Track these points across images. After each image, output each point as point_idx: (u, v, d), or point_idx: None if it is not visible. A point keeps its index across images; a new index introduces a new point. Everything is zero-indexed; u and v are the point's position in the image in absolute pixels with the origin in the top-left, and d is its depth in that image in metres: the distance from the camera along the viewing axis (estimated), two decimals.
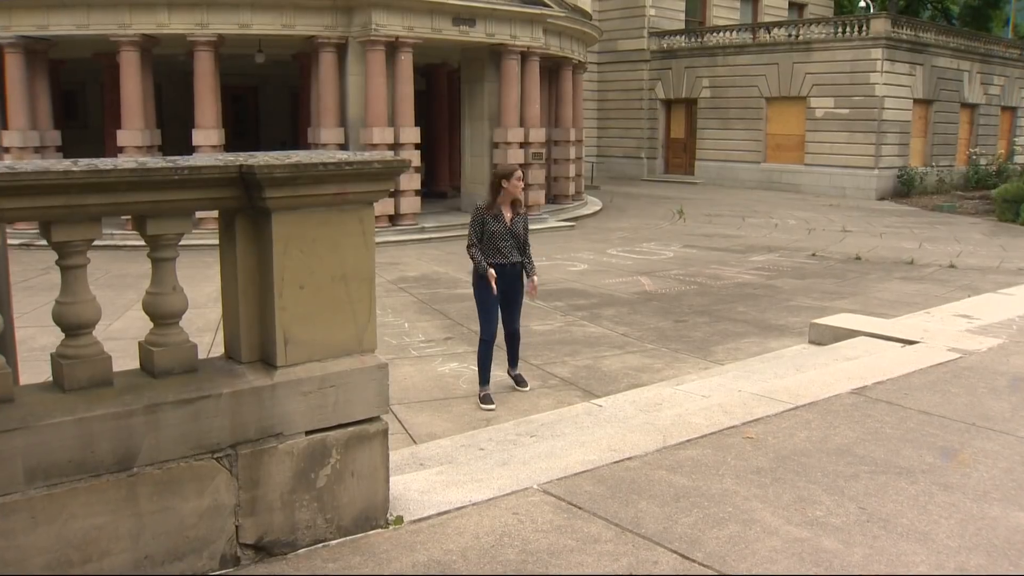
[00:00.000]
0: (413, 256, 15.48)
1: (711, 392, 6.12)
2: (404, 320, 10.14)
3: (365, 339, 3.61)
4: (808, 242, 17.60)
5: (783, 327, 9.84)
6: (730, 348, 8.89)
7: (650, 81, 34.75)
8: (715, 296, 11.79)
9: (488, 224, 7.01)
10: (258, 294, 3.42)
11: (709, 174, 32.56)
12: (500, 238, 7.00)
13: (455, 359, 8.43)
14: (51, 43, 17.66)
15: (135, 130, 16.90)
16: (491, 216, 7.01)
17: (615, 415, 5.78)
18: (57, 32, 16.89)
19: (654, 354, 8.65)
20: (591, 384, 7.56)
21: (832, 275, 13.58)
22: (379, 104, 17.56)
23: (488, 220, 7.01)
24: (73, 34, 16.89)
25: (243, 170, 3.22)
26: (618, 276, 13.42)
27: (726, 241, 17.74)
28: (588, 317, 10.36)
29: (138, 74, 16.92)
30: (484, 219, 7.02)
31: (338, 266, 3.49)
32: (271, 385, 3.36)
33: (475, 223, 7.08)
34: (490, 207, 7.03)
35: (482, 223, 7.03)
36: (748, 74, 31.07)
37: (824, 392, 5.63)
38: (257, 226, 3.37)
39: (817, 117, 29.27)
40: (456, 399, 7.16)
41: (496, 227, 7.00)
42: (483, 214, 7.04)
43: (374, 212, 3.60)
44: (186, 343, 3.32)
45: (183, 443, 3.18)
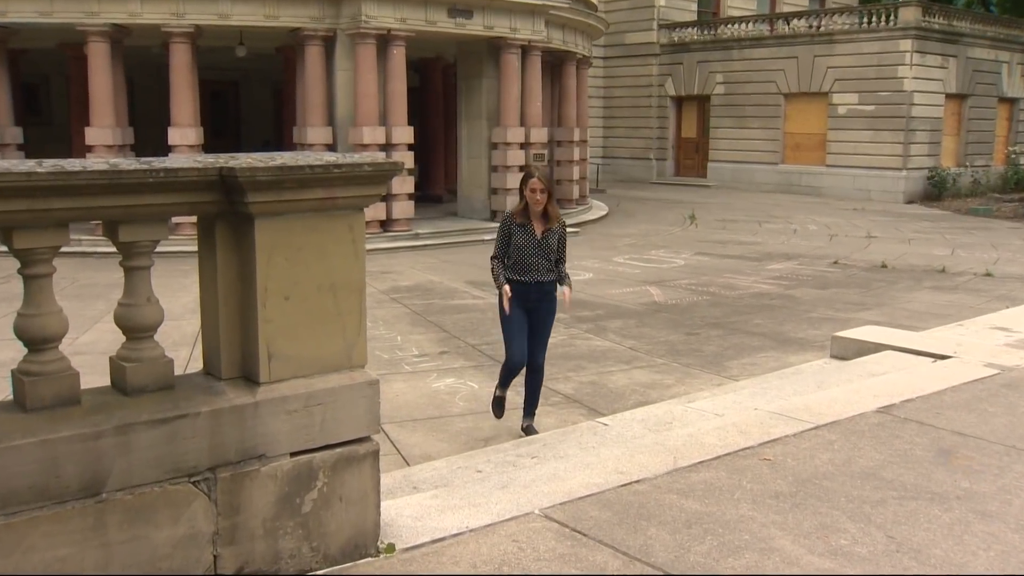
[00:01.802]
0: (406, 264, 15.48)
1: (725, 410, 6.11)
2: (396, 333, 10.14)
3: (355, 354, 3.61)
4: (830, 249, 17.61)
5: (803, 340, 9.84)
6: (746, 363, 8.88)
7: (660, 77, 34.83)
8: (729, 307, 11.79)
9: (515, 235, 6.44)
10: (239, 305, 3.42)
11: (723, 177, 32.60)
12: (526, 252, 6.42)
13: (451, 374, 8.42)
14: (11, 31, 17.41)
15: (105, 128, 16.81)
16: (518, 225, 6.44)
17: (622, 435, 5.77)
18: (17, 19, 16.62)
19: (664, 369, 8.65)
20: (596, 401, 7.55)
21: (856, 284, 13.58)
22: (369, 102, 17.60)
23: (515, 230, 6.44)
24: (36, 22, 16.59)
25: (224, 173, 3.22)
26: (625, 286, 13.42)
27: (741, 248, 17.75)
28: (593, 330, 10.36)
29: (108, 67, 16.79)
30: (511, 228, 6.46)
31: (326, 275, 3.49)
32: (253, 403, 3.36)
33: (501, 231, 6.52)
34: (518, 214, 6.48)
35: (508, 233, 6.47)
36: (765, 69, 31.11)
37: (848, 410, 5.62)
38: (239, 232, 3.37)
39: (840, 115, 29.27)
40: (452, 417, 7.15)
41: (523, 239, 6.43)
42: (511, 222, 6.48)
43: (364, 218, 3.60)
44: (161, 358, 3.32)
45: (157, 466, 3.17)
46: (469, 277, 14.06)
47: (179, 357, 8.46)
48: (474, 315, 11.10)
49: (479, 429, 6.87)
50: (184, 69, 16.96)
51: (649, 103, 35.25)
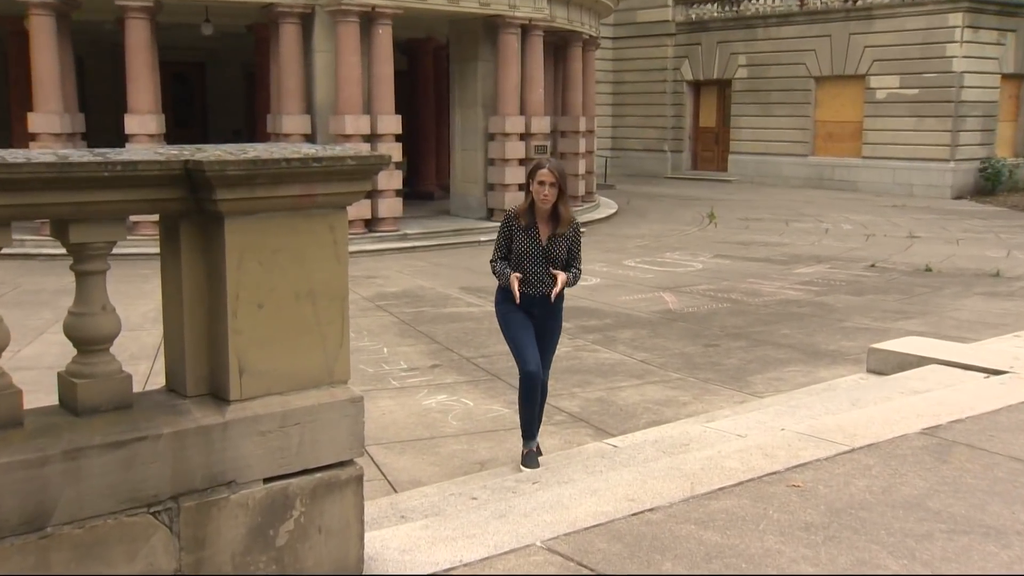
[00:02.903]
0: (394, 268, 15.49)
1: (748, 431, 6.11)
2: (383, 344, 10.14)
3: (336, 368, 3.61)
4: (866, 251, 17.63)
5: (836, 353, 9.84)
6: (771, 378, 8.88)
7: (675, 59, 34.91)
8: (753, 316, 11.79)
9: (517, 239, 6.18)
10: (207, 314, 3.42)
11: (745, 170, 32.64)
12: (529, 260, 6.17)
13: (443, 390, 8.42)
14: None
15: (51, 114, 16.66)
16: (522, 228, 6.17)
17: (633, 457, 5.76)
18: None
19: (680, 385, 8.65)
20: (605, 420, 7.55)
21: (896, 290, 13.59)
22: (352, 87, 17.62)
23: (517, 233, 6.18)
24: None
25: (189, 166, 3.22)
26: (636, 292, 13.42)
27: (766, 250, 17.77)
28: (601, 340, 10.36)
29: (53, 45, 16.57)
30: (512, 230, 6.21)
31: (304, 281, 3.49)
32: (222, 423, 3.35)
33: (501, 233, 6.28)
34: (522, 213, 6.19)
35: (509, 235, 6.22)
36: (794, 49, 31.11)
37: (888, 432, 5.61)
38: (206, 233, 3.37)
39: (878, 100, 29.22)
40: (444, 438, 7.15)
41: (525, 245, 6.17)
42: (512, 223, 6.22)
43: (347, 217, 3.60)
44: (117, 373, 3.31)
45: (112, 496, 3.15)
46: (463, 282, 14.06)
47: (138, 372, 8.45)
48: (469, 324, 11.10)
49: (474, 451, 6.87)
50: (142, 48, 16.85)
51: (663, 89, 35.31)
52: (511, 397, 7.80)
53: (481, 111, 20.31)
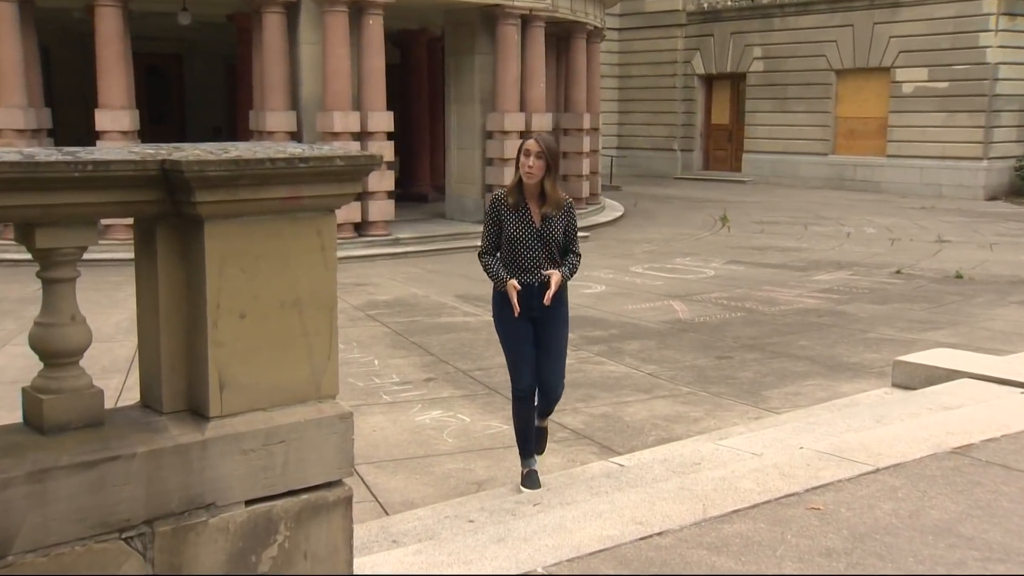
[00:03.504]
0: (385, 275, 15.49)
1: (764, 449, 6.10)
2: (374, 356, 10.13)
3: (324, 382, 3.60)
4: (891, 256, 17.63)
5: (858, 366, 9.84)
6: (788, 392, 8.88)
7: (686, 52, 34.97)
8: (769, 326, 11.79)
9: (507, 222, 5.99)
10: (185, 325, 3.41)
11: (761, 170, 32.68)
12: (523, 245, 5.99)
13: (438, 406, 8.42)
14: None
15: (14, 108, 16.65)
16: (510, 208, 6.00)
17: (641, 477, 5.76)
18: None
19: (690, 400, 8.64)
20: (610, 438, 7.55)
21: (924, 298, 13.58)
22: (341, 82, 17.63)
23: (507, 217, 5.99)
24: None
25: (166, 167, 3.22)
26: (644, 300, 13.43)
27: (783, 256, 17.77)
28: (607, 352, 10.36)
29: (15, 33, 16.53)
30: (501, 215, 6.01)
31: (290, 289, 3.49)
32: (201, 442, 3.35)
33: (489, 218, 6.08)
34: (510, 192, 6.02)
35: (498, 219, 6.03)
36: (814, 40, 31.12)
37: (915, 451, 5.61)
38: (185, 238, 3.37)
39: (905, 94, 29.18)
40: (439, 456, 7.14)
41: (516, 228, 5.99)
42: (500, 207, 6.02)
43: (336, 221, 3.60)
44: (87, 388, 3.31)
45: (81, 520, 3.14)
46: (459, 290, 14.06)
47: (109, 387, 8.45)
48: (465, 335, 11.10)
49: (471, 471, 6.86)
50: (114, 39, 16.82)
51: (673, 83, 35.37)
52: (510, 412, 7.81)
53: (478, 107, 20.33)
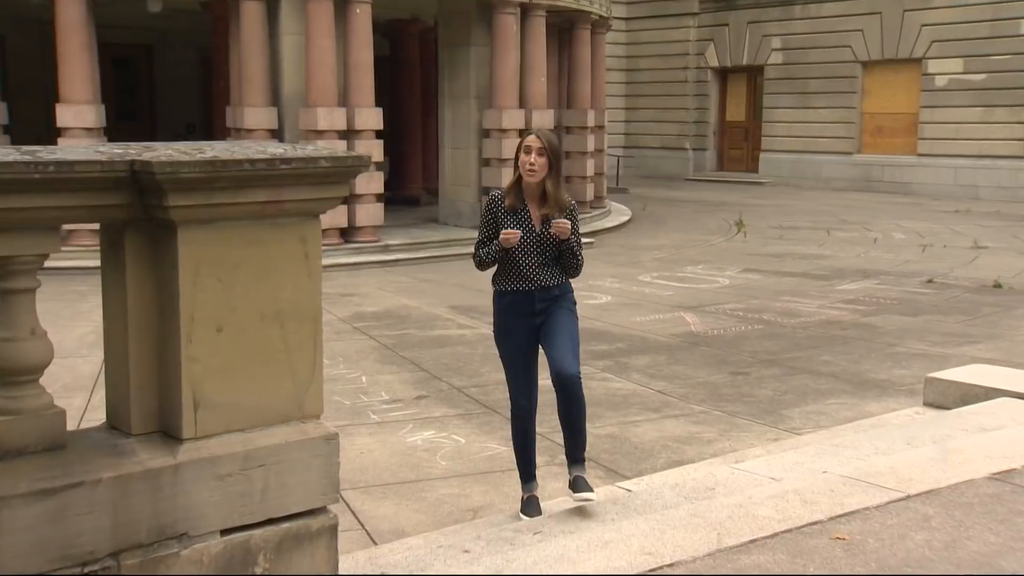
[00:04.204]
0: (373, 285, 15.48)
1: (784, 473, 6.09)
2: (361, 372, 10.13)
3: (307, 401, 3.61)
4: (922, 263, 17.63)
5: (886, 383, 9.83)
6: (810, 412, 8.87)
7: (699, 43, 35.03)
8: (788, 339, 11.79)
9: (505, 223, 5.98)
10: (157, 339, 3.41)
11: (780, 171, 32.71)
12: (520, 251, 5.96)
13: (430, 425, 8.41)
14: None
15: None
16: (508, 210, 5.99)
17: (650, 504, 5.75)
18: None
19: (703, 419, 8.63)
20: (617, 461, 7.54)
21: (958, 310, 13.58)
22: (325, 75, 17.63)
23: (504, 219, 5.99)
24: None
25: (136, 168, 3.22)
26: (653, 312, 13.42)
27: (804, 263, 17.77)
28: (613, 368, 10.35)
29: None
30: (498, 216, 6.01)
31: (270, 300, 3.49)
32: (173, 466, 3.34)
33: (485, 221, 6.08)
34: (509, 192, 6.01)
35: (494, 221, 6.03)
36: (837, 29, 31.15)
37: (950, 476, 5.60)
38: (156, 245, 3.37)
39: (938, 87, 29.18)
40: (432, 481, 7.13)
41: (513, 229, 5.97)
42: (497, 208, 6.02)
43: (320, 226, 3.60)
44: (48, 408, 3.30)
45: (39, 553, 3.13)
46: (454, 301, 14.06)
47: (72, 406, 8.43)
48: (460, 349, 11.09)
49: (466, 496, 6.85)
50: (77, 28, 16.74)
51: (685, 77, 35.42)
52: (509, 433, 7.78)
53: (474, 104, 20.34)
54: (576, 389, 5.96)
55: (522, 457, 6.29)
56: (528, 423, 6.24)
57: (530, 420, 6.24)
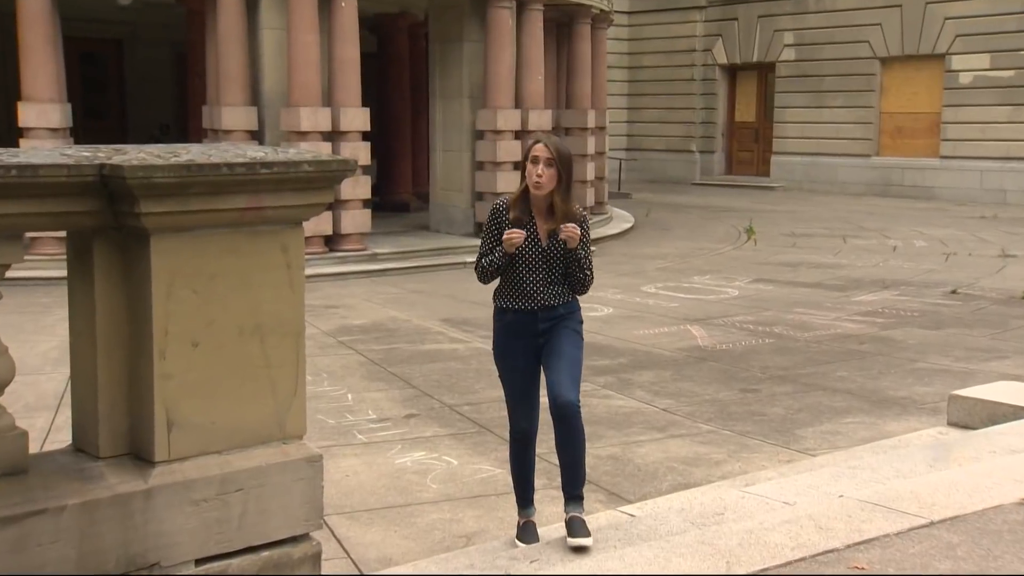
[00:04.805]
0: (360, 296, 15.48)
1: (797, 497, 6.09)
2: (347, 390, 10.12)
3: (289, 420, 3.60)
4: (946, 273, 17.64)
5: (907, 401, 9.83)
6: (825, 431, 8.87)
7: (706, 38, 35.09)
8: (802, 354, 11.79)
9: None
10: (127, 355, 3.41)
11: (792, 174, 32.73)
12: (524, 267, 5.92)
13: (420, 446, 8.40)
14: None
15: None
16: (513, 221, 5.91)
17: (654, 530, 5.74)
18: None
19: (711, 439, 8.63)
20: (619, 483, 7.53)
21: (984, 323, 13.58)
22: (309, 73, 17.63)
23: (507, 228, 5.90)
24: None
25: (106, 172, 3.22)
26: (658, 324, 13.42)
27: (818, 273, 17.79)
28: (615, 384, 10.34)
29: None
30: (502, 227, 5.92)
31: (250, 314, 3.48)
32: (145, 491, 3.33)
33: (488, 232, 6.02)
34: (514, 203, 5.93)
35: (498, 232, 5.94)
36: (854, 23, 31.15)
37: (976, 501, 5.59)
38: (127, 255, 3.37)
39: (962, 85, 29.17)
40: (422, 505, 7.12)
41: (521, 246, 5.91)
42: (502, 216, 5.94)
43: (303, 234, 3.60)
44: (9, 430, 3.29)
45: None
46: (445, 313, 14.05)
47: (35, 427, 8.42)
48: (452, 365, 11.09)
49: (458, 522, 6.84)
50: (40, 19, 16.61)
51: (691, 75, 35.47)
52: (503, 454, 7.75)
53: (467, 103, 20.34)
54: (573, 419, 5.87)
55: (520, 482, 6.26)
56: (527, 447, 6.19)
57: (529, 444, 6.19)
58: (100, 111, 27.19)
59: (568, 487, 6.00)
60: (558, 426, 5.89)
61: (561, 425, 5.88)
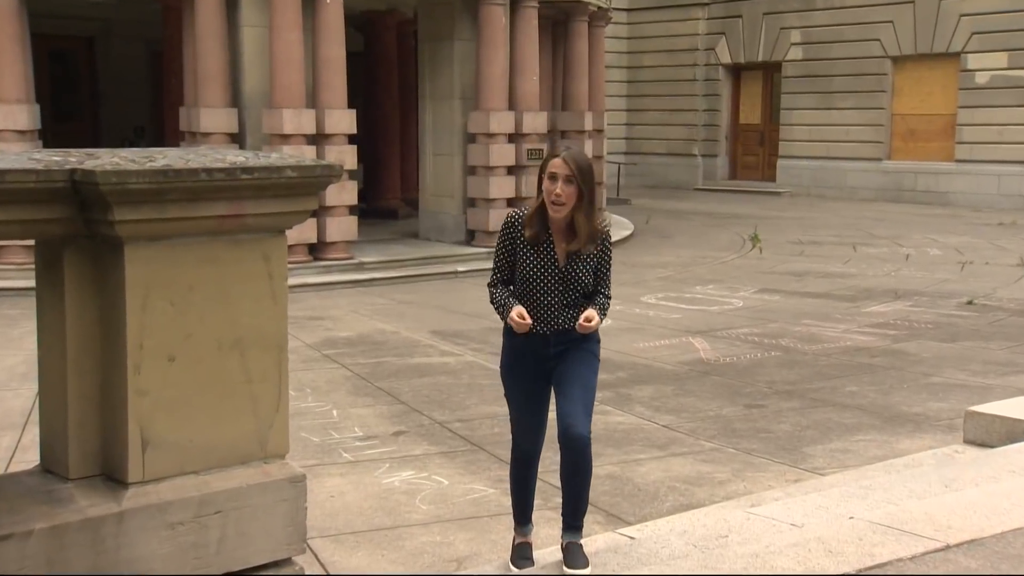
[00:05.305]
0: (346, 307, 15.47)
1: (806, 519, 6.08)
2: (332, 406, 10.10)
3: (271, 438, 3.59)
4: (961, 283, 17.66)
5: (921, 418, 9.83)
6: (835, 449, 8.87)
7: (709, 37, 35.16)
8: (810, 368, 11.79)
9: (523, 256, 5.78)
10: (100, 370, 3.40)
11: (800, 179, 32.79)
12: (539, 288, 5.77)
13: (409, 465, 8.39)
14: None
15: None
16: (528, 243, 5.78)
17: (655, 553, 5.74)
18: None
19: (715, 457, 8.63)
20: (618, 504, 7.53)
21: (1002, 335, 13.59)
22: (292, 73, 17.64)
23: (523, 250, 5.79)
24: None
25: (77, 178, 3.21)
26: (658, 336, 13.42)
27: (827, 283, 17.81)
28: (613, 400, 10.34)
29: None
30: (517, 242, 5.79)
31: (229, 326, 3.48)
32: (117, 514, 3.32)
33: (503, 246, 5.87)
34: (530, 221, 5.77)
35: (512, 249, 5.83)
36: (865, 21, 31.22)
37: (995, 524, 5.59)
38: (100, 264, 3.36)
39: (979, 85, 29.20)
40: (411, 527, 7.11)
41: (534, 265, 5.78)
42: (516, 233, 5.81)
43: (286, 243, 3.60)
44: None
45: None
46: (436, 325, 14.05)
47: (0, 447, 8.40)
48: (443, 379, 11.08)
49: (449, 545, 6.83)
50: (7, 16, 16.63)
51: (693, 75, 35.53)
52: (497, 472, 7.76)
53: (458, 105, 20.36)
54: (583, 452, 5.77)
55: (519, 501, 6.20)
56: (529, 468, 6.13)
57: (532, 465, 6.13)
58: (71, 113, 27.08)
59: (569, 517, 5.96)
60: (566, 456, 5.81)
61: (569, 456, 5.80)
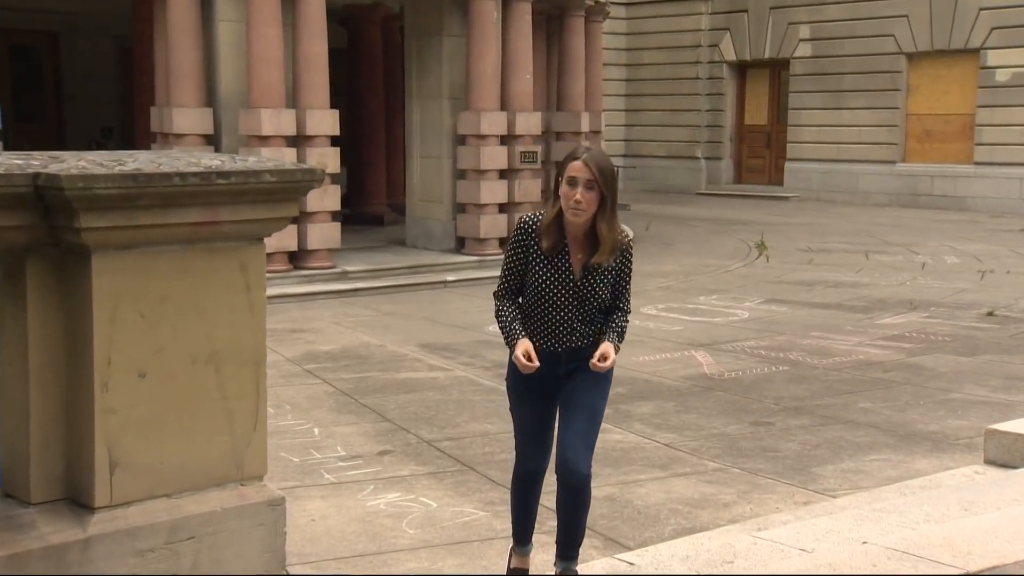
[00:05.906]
0: (328, 319, 15.46)
1: (816, 544, 6.08)
2: (313, 423, 10.10)
3: (248, 459, 3.59)
4: (981, 293, 17.68)
5: (938, 436, 9.84)
6: (846, 470, 8.87)
7: (712, 33, 35.22)
8: (820, 383, 11.80)
9: (536, 267, 5.67)
10: (65, 387, 3.39)
11: (808, 183, 32.84)
12: (551, 302, 5.68)
13: (395, 486, 8.39)
14: None
15: None
16: (543, 252, 5.65)
17: None
18: None
19: (719, 478, 8.63)
20: (617, 528, 7.52)
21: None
22: (270, 71, 17.63)
23: (536, 258, 5.67)
24: None
25: (41, 183, 3.21)
26: (659, 350, 13.43)
27: (838, 293, 17.83)
28: (612, 417, 10.33)
29: None
30: (529, 252, 5.68)
31: (204, 340, 3.47)
32: (82, 540, 3.31)
33: (513, 252, 5.74)
34: (546, 229, 5.63)
35: (524, 258, 5.71)
36: (877, 15, 31.26)
37: (1018, 549, 5.58)
38: (65, 274, 3.35)
39: (999, 83, 29.24)
40: (397, 553, 7.10)
41: (547, 276, 5.67)
42: (530, 241, 5.68)
43: (265, 251, 3.59)
44: None
45: None
46: (423, 337, 14.05)
47: None
48: (431, 395, 11.07)
49: (437, 571, 6.82)
50: None
51: (696, 73, 35.59)
52: (488, 495, 7.76)
53: (447, 104, 20.36)
54: (582, 488, 5.76)
55: (519, 521, 6.22)
56: (532, 488, 6.13)
57: (537, 483, 6.14)
58: (34, 113, 27.00)
59: (564, 547, 5.98)
60: (563, 490, 5.80)
61: (567, 492, 5.80)
